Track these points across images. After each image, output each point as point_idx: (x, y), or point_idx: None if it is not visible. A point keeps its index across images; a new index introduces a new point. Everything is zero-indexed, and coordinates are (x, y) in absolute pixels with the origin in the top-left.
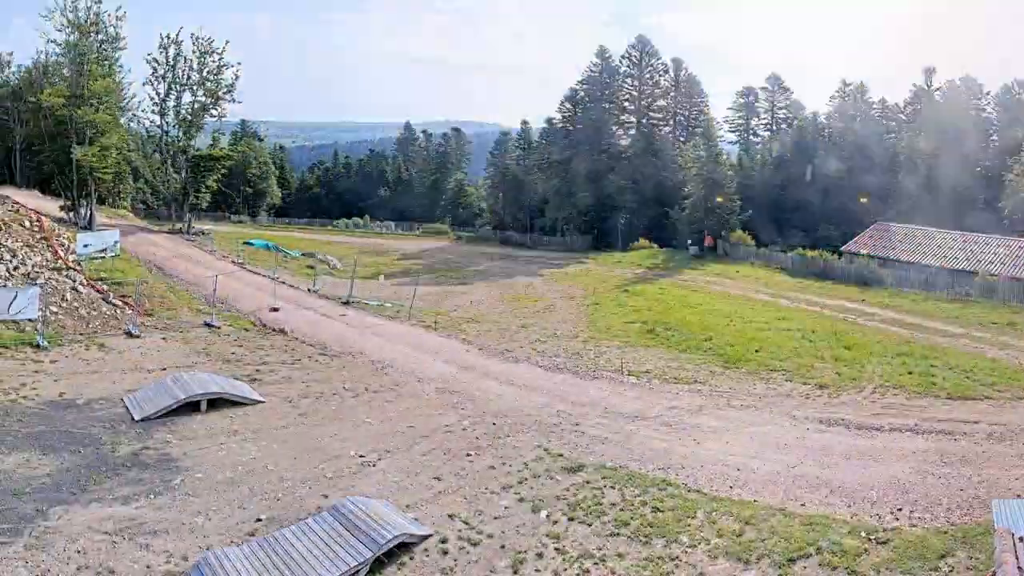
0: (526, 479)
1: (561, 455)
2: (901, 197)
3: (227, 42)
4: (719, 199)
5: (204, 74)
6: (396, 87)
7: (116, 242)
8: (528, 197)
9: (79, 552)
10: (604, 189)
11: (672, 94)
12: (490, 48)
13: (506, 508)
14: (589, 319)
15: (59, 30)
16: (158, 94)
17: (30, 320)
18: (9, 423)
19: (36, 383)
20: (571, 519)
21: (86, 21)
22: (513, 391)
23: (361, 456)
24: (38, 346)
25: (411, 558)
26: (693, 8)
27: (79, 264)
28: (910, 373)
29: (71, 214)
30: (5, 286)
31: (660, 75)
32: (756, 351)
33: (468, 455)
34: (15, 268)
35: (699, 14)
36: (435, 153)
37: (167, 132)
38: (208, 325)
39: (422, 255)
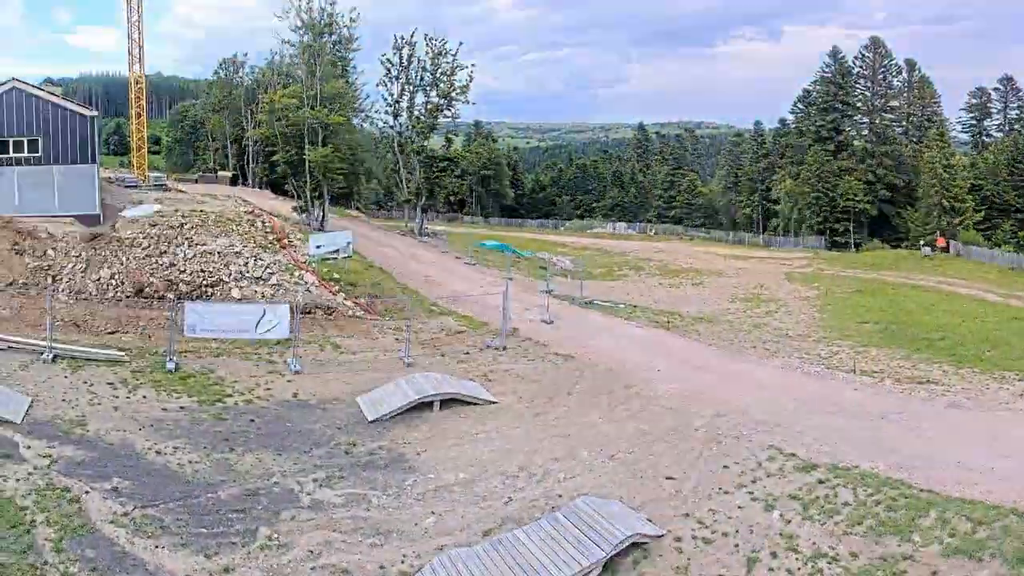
0: (759, 478)
1: (794, 454)
2: None
3: (460, 43)
4: (951, 200)
5: (437, 75)
6: (630, 88)
7: (349, 243)
8: (761, 197)
9: (312, 552)
10: (837, 189)
11: (905, 95)
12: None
13: (739, 507)
14: (822, 319)
15: (293, 31)
16: (391, 95)
17: (285, 338)
18: (244, 424)
19: (270, 384)
20: (805, 518)
21: (320, 22)
22: (746, 390)
23: (594, 456)
24: (275, 342)
25: (645, 557)
26: None
27: (312, 265)
28: None
29: (304, 215)
30: (245, 300)
31: (893, 76)
32: (988, 351)
33: (701, 455)
34: (248, 269)
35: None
36: (668, 154)
37: (401, 133)
38: (442, 327)
39: (655, 256)
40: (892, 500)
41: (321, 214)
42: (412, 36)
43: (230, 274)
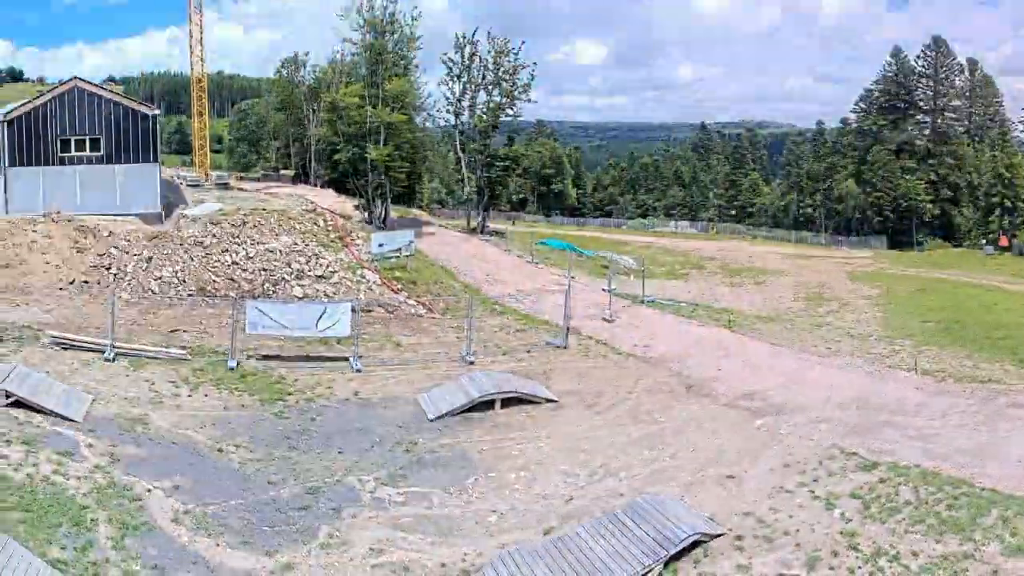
0: (820, 477)
1: (855, 453)
2: None
3: (523, 42)
4: (1013, 200)
5: (499, 74)
6: (691, 87)
7: (411, 242)
8: (823, 196)
9: (373, 550)
10: (898, 188)
11: (967, 94)
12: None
13: (800, 506)
14: (884, 318)
15: (355, 30)
16: (453, 93)
17: (345, 338)
18: (305, 422)
19: (332, 382)
20: (865, 517)
21: (382, 21)
22: (807, 390)
23: (655, 454)
24: (337, 341)
25: (706, 555)
26: None
27: (374, 263)
28: None
29: (366, 213)
30: (307, 298)
31: (955, 75)
32: None
33: (762, 453)
34: (310, 268)
35: None
36: (730, 153)
37: (462, 132)
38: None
39: (717, 254)
40: (953, 499)
41: (383, 212)
42: (474, 35)
43: (292, 272)
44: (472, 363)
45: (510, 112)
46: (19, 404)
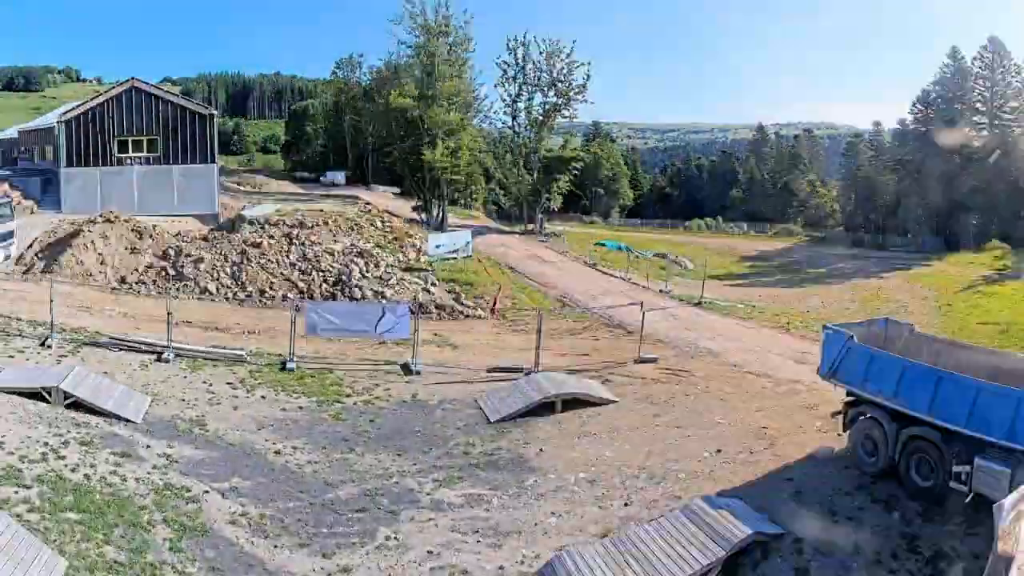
0: (879, 479)
1: None
2: None
3: (574, 42)
4: None
5: (554, 75)
6: (749, 89)
7: (468, 243)
8: (880, 198)
9: (431, 552)
10: (956, 190)
11: None
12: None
13: (859, 508)
14: (941, 320)
15: (409, 32)
16: (509, 95)
17: (404, 338)
18: (363, 424)
19: (390, 384)
20: (925, 520)
21: (436, 23)
22: None
23: (715, 456)
24: (395, 342)
25: (765, 558)
26: None
27: (431, 264)
28: None
29: (423, 215)
30: (364, 300)
31: (1012, 76)
32: None
33: (820, 455)
34: (367, 269)
35: None
36: (787, 155)
37: (518, 133)
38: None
39: (773, 256)
40: None
41: (440, 214)
42: (524, 36)
43: (350, 274)
44: (530, 374)
45: (566, 113)
46: (77, 405)
